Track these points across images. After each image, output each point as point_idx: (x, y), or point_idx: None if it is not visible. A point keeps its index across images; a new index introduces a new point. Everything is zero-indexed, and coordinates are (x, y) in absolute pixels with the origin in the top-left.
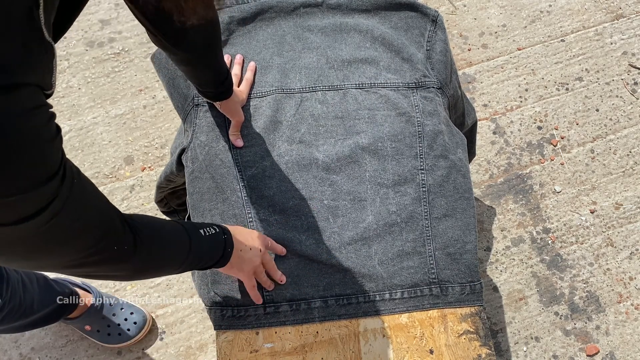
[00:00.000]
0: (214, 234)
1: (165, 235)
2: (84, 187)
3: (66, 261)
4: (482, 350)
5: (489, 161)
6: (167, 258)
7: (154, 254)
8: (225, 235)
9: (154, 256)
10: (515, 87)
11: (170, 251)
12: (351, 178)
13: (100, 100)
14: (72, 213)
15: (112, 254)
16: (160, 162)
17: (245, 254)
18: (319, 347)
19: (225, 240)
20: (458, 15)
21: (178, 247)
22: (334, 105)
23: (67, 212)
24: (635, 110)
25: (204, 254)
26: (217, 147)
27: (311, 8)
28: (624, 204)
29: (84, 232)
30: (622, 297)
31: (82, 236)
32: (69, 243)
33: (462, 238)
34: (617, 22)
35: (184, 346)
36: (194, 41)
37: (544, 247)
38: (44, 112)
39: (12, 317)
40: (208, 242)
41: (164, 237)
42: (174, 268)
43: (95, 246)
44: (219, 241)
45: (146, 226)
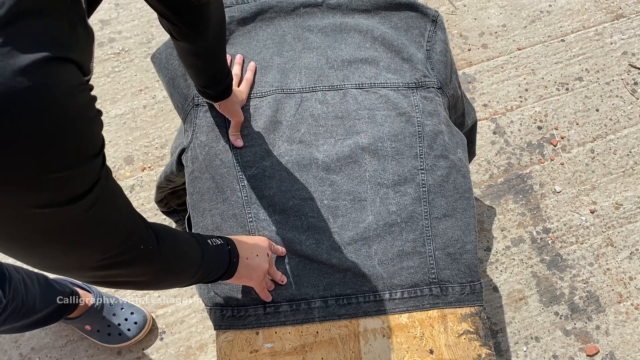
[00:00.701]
0: (219, 244)
1: (182, 240)
2: (114, 185)
3: (96, 260)
4: (482, 350)
5: (489, 161)
6: (184, 263)
7: (174, 256)
8: (229, 246)
9: (174, 259)
10: (515, 87)
11: (187, 257)
12: (351, 178)
13: (100, 100)
14: (108, 205)
15: (138, 254)
16: (160, 162)
17: (253, 262)
18: (319, 347)
19: (230, 251)
20: (458, 15)
21: (193, 254)
22: (334, 105)
23: (104, 203)
24: (635, 110)
25: (213, 263)
26: (217, 147)
27: (311, 8)
28: (624, 204)
29: (115, 228)
30: (622, 297)
31: (114, 231)
32: (103, 236)
33: (462, 238)
34: (617, 22)
35: (184, 346)
36: (209, 20)
37: (544, 247)
38: (88, 91)
39: (15, 317)
40: (216, 253)
41: (182, 242)
42: (189, 276)
43: (124, 244)
44: (224, 252)
45: (165, 230)
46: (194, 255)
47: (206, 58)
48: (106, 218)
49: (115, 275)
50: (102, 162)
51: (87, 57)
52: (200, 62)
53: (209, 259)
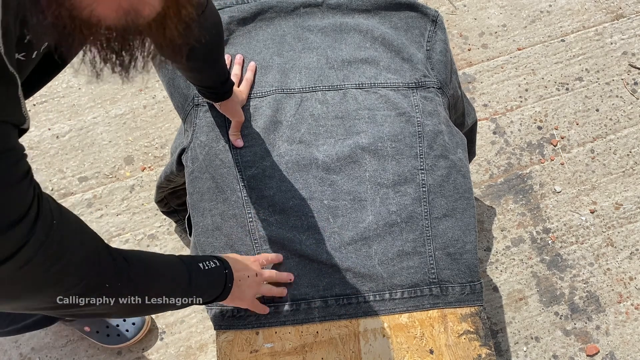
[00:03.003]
0: (215, 267)
1: (157, 263)
2: (66, 225)
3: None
4: (482, 350)
5: (489, 161)
6: (160, 285)
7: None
8: (227, 270)
9: (144, 283)
10: (515, 87)
11: (165, 279)
12: (351, 178)
13: (101, 100)
14: (51, 257)
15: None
16: (160, 162)
17: (244, 283)
18: (319, 347)
19: (227, 275)
20: (458, 15)
21: (174, 275)
22: (334, 105)
23: (44, 256)
24: (635, 110)
25: (204, 286)
26: (217, 147)
27: (311, 8)
28: (624, 204)
29: (64, 276)
30: (622, 297)
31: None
32: (50, 285)
33: (462, 238)
34: (617, 22)
35: (184, 346)
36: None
37: (544, 247)
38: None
39: (5, 320)
40: (208, 276)
41: (156, 265)
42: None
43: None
44: (220, 275)
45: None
46: (175, 276)
47: (202, 70)
48: (50, 268)
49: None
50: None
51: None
52: (197, 74)
53: (197, 282)
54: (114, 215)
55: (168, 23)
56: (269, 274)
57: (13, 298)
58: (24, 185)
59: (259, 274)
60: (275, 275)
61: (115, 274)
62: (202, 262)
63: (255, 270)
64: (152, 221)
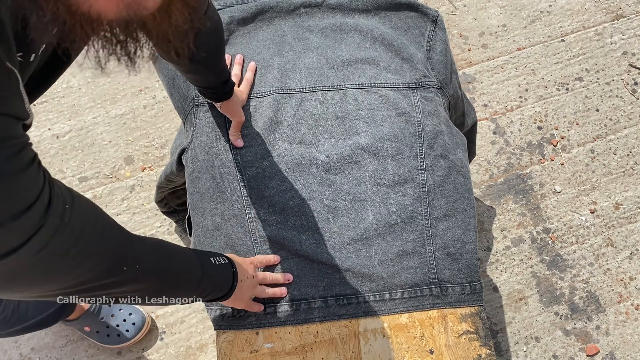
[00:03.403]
0: (224, 264)
1: (169, 246)
2: (79, 208)
3: (69, 287)
4: (482, 350)
5: (489, 161)
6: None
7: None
8: (234, 268)
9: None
10: (515, 87)
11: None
12: (351, 178)
13: (101, 100)
14: (67, 241)
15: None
16: (160, 162)
17: (245, 284)
18: (319, 347)
19: (234, 273)
20: (458, 15)
21: (188, 266)
22: (334, 106)
23: (61, 240)
24: (635, 110)
25: (216, 279)
26: (217, 147)
27: (311, 8)
28: (624, 204)
29: (83, 259)
30: (622, 297)
31: (83, 263)
32: (68, 271)
33: (462, 238)
34: (617, 22)
35: (184, 346)
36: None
37: (544, 247)
38: (13, 144)
39: (5, 326)
40: (218, 269)
41: (168, 248)
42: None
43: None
44: (228, 272)
45: (154, 243)
46: (189, 267)
47: (203, 72)
48: (68, 252)
49: (103, 294)
50: (46, 207)
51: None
52: (198, 75)
53: (210, 274)
54: (114, 215)
55: (173, 9)
56: (262, 276)
57: (34, 285)
58: (32, 171)
59: (255, 276)
60: (270, 277)
61: (132, 254)
62: (213, 257)
63: (251, 273)
64: (152, 221)
